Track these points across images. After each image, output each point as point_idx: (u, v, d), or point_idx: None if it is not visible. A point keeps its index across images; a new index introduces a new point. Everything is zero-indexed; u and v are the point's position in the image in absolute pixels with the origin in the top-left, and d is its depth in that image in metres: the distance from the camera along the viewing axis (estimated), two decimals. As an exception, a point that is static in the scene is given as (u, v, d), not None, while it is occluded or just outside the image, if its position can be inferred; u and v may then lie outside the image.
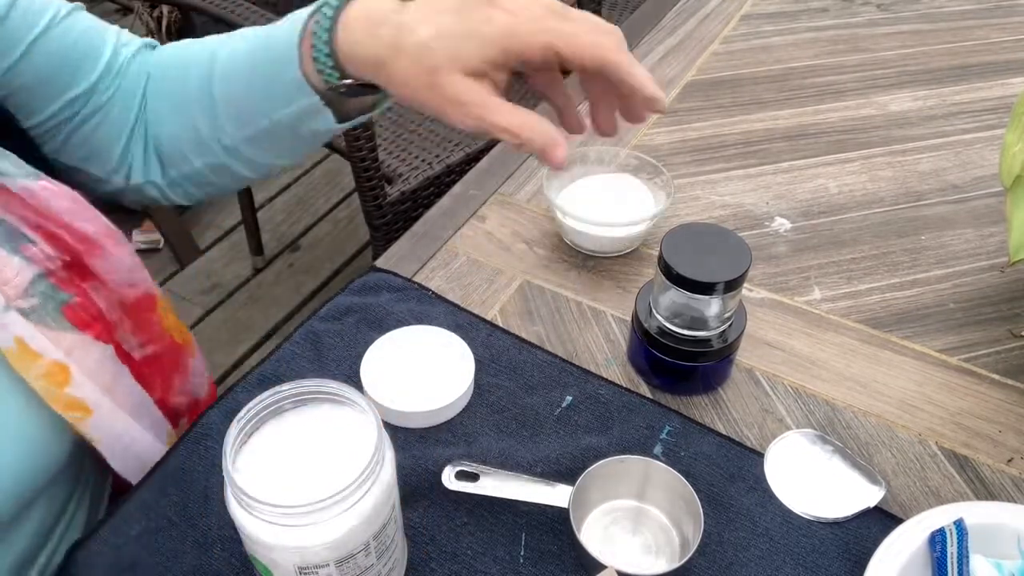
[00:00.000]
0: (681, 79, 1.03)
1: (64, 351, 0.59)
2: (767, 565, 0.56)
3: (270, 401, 0.48)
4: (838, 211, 0.84)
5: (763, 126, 0.95)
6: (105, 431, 0.62)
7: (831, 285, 0.76)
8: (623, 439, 0.63)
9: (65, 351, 0.59)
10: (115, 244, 0.64)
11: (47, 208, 0.60)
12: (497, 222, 0.83)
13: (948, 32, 1.10)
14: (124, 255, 0.65)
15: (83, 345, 0.61)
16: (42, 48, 0.63)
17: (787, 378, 0.68)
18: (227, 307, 2.05)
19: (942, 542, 0.53)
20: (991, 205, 0.84)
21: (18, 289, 0.58)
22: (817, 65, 1.05)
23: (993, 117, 0.96)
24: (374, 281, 0.76)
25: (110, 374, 0.63)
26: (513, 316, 0.74)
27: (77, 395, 0.59)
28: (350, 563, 0.47)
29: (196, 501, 0.60)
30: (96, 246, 0.63)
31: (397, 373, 0.67)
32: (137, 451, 0.65)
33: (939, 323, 0.73)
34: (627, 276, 0.77)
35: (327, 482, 0.44)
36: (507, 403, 0.66)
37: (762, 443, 0.64)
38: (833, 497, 0.60)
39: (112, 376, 0.63)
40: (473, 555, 0.57)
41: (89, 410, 0.60)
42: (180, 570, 0.56)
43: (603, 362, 0.70)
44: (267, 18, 1.35)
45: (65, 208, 0.61)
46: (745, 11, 1.16)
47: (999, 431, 0.65)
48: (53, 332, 0.59)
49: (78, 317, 0.62)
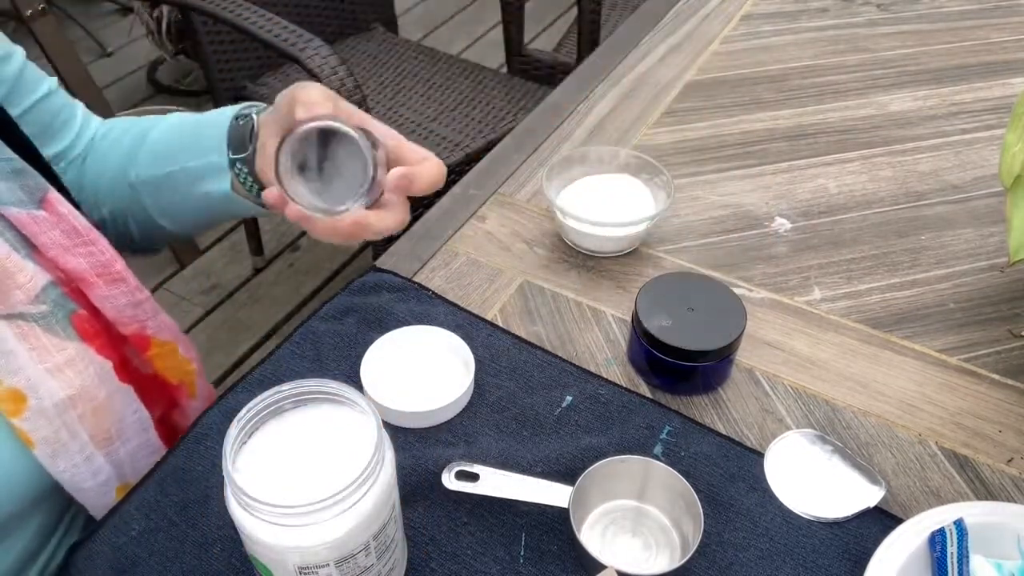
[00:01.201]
0: (681, 79, 1.03)
1: (65, 360, 0.60)
2: (767, 565, 0.56)
3: (270, 401, 0.48)
4: (838, 211, 0.84)
5: (763, 126, 0.95)
6: (50, 467, 0.60)
7: (831, 285, 0.76)
8: (623, 439, 0.63)
9: (67, 360, 0.60)
10: (108, 283, 0.63)
11: (35, 239, 0.60)
12: (497, 222, 0.83)
13: (948, 32, 1.10)
14: (118, 294, 0.64)
15: (84, 357, 0.61)
16: (37, 111, 0.71)
17: (787, 378, 0.68)
18: (227, 307, 2.05)
19: (942, 542, 0.53)
20: (991, 205, 0.84)
21: (30, 294, 0.59)
22: (817, 65, 1.05)
23: (993, 117, 0.95)
24: (374, 281, 0.76)
25: (105, 390, 0.63)
26: (513, 316, 0.74)
27: (24, 427, 0.58)
28: (350, 563, 0.47)
29: (196, 501, 0.60)
30: (84, 282, 0.62)
31: (397, 373, 0.67)
32: (85, 497, 0.63)
33: (939, 323, 0.73)
34: (627, 276, 0.77)
35: (327, 482, 0.44)
36: (507, 403, 0.66)
37: (762, 443, 0.64)
38: (833, 497, 0.60)
39: (106, 393, 0.63)
40: (473, 555, 0.57)
41: (33, 443, 0.59)
42: (180, 570, 0.56)
43: (603, 362, 0.70)
44: (267, 18, 1.35)
45: (54, 241, 0.61)
46: (745, 11, 1.16)
47: (999, 431, 0.65)
48: (59, 340, 0.60)
49: (84, 328, 0.62)
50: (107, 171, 0.75)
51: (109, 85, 2.74)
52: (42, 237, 0.60)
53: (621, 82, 1.02)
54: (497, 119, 1.58)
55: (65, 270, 0.62)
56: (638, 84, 1.02)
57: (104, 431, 0.63)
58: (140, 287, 0.66)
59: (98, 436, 0.63)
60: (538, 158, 0.91)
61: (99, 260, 0.63)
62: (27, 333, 0.58)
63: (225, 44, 1.61)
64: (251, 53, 1.67)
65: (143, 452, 0.67)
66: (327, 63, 1.26)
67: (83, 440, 0.62)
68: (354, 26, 1.85)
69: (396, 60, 1.78)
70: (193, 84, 2.73)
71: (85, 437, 0.62)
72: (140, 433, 0.67)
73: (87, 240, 0.63)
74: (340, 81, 1.25)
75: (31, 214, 0.60)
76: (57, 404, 0.59)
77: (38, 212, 0.60)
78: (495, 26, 2.99)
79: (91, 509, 0.64)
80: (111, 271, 0.64)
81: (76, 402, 0.60)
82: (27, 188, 0.60)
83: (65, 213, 0.62)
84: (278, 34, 1.32)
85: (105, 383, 0.63)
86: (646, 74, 1.04)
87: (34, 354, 0.58)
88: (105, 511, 0.63)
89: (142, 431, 0.67)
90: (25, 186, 0.60)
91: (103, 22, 3.09)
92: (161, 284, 2.07)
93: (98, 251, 0.63)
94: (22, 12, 1.71)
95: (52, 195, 0.62)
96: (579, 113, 0.97)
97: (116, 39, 2.97)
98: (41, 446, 0.59)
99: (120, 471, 0.65)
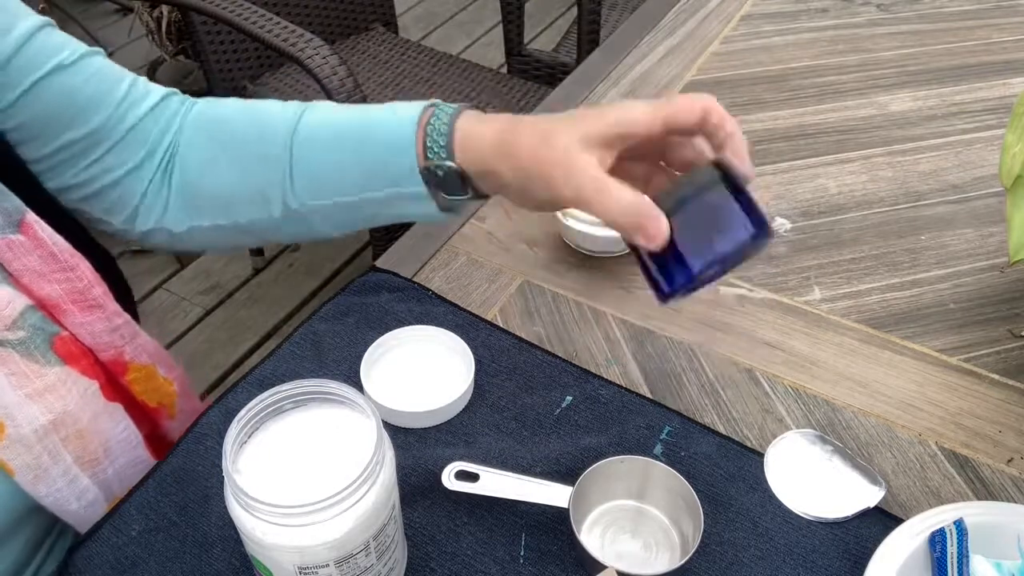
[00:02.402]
0: (681, 79, 1.03)
1: (46, 386, 0.58)
2: (767, 565, 0.56)
3: (270, 401, 0.48)
4: (838, 211, 0.84)
5: (763, 126, 0.95)
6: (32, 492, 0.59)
7: (831, 285, 0.76)
8: (623, 439, 0.63)
9: (47, 386, 0.58)
10: (83, 310, 0.61)
11: (8, 266, 0.58)
12: (497, 222, 0.83)
13: (948, 32, 1.10)
14: (94, 320, 0.62)
15: (67, 381, 0.60)
16: (44, 90, 0.62)
17: (787, 378, 0.68)
18: (227, 307, 2.04)
19: (942, 542, 0.53)
20: (991, 205, 0.84)
21: (7, 320, 0.57)
22: (817, 65, 1.05)
23: (993, 117, 0.95)
24: (374, 281, 0.76)
25: (90, 412, 0.62)
26: (513, 316, 0.74)
27: (3, 456, 0.57)
28: (350, 563, 0.47)
29: (196, 501, 0.60)
30: (57, 309, 0.61)
31: (397, 373, 0.67)
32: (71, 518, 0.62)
33: (939, 323, 0.73)
34: (627, 276, 0.77)
35: (327, 482, 0.44)
36: (507, 403, 0.66)
37: (762, 443, 0.64)
38: (833, 497, 0.60)
39: (91, 415, 0.62)
40: (473, 555, 0.57)
41: (12, 471, 0.58)
42: (180, 570, 0.56)
43: (603, 362, 0.70)
44: (267, 18, 1.35)
45: (28, 268, 0.59)
46: (745, 11, 1.16)
47: (999, 431, 0.65)
48: (39, 366, 0.58)
49: (67, 350, 0.60)
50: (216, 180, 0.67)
51: (109, 85, 2.74)
52: (16, 263, 0.58)
53: (621, 82, 1.02)
54: (497, 119, 1.58)
55: (37, 297, 0.60)
56: (638, 84, 1.02)
57: (90, 453, 0.62)
58: (118, 311, 0.64)
59: (84, 458, 0.62)
60: (538, 158, 0.91)
61: (76, 287, 0.61)
62: (5, 360, 0.57)
63: (225, 44, 1.61)
64: (251, 53, 1.67)
65: (133, 470, 0.66)
66: (327, 63, 1.26)
67: (67, 463, 0.60)
68: (354, 26, 1.85)
69: (396, 60, 1.78)
70: (193, 84, 2.72)
71: (69, 460, 0.60)
72: (129, 451, 0.66)
73: (65, 266, 0.60)
74: (340, 81, 1.25)
75: (7, 239, 0.58)
76: (37, 430, 0.58)
77: (15, 236, 0.58)
78: (495, 26, 2.99)
79: (78, 528, 0.63)
80: (87, 298, 0.62)
81: (58, 426, 0.59)
82: (3, 211, 0.58)
83: (44, 238, 0.59)
84: (278, 34, 1.32)
85: (90, 404, 0.62)
86: (646, 74, 1.04)
87: (13, 379, 0.57)
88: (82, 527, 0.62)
89: (131, 448, 0.66)
90: (2, 210, 0.58)
91: (103, 22, 3.09)
92: (161, 284, 2.07)
93: (75, 277, 0.61)
94: (22, 12, 1.71)
95: (30, 217, 0.59)
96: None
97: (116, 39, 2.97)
98: (21, 473, 0.58)
99: (108, 491, 0.64)
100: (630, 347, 0.71)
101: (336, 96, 1.24)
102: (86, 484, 0.62)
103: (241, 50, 1.65)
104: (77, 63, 0.63)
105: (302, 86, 1.68)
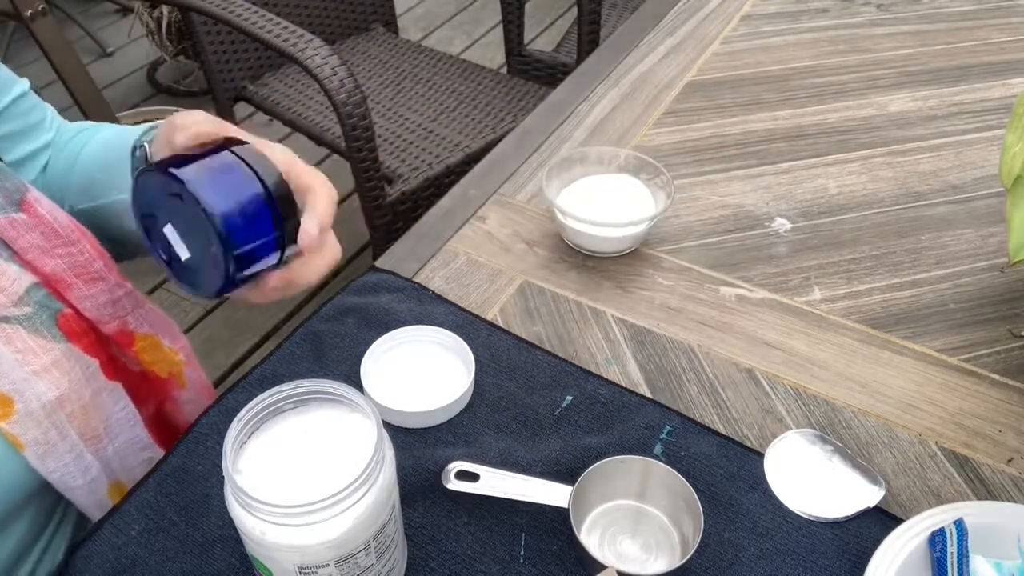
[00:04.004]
0: (681, 79, 1.03)
1: (52, 361, 0.59)
2: (767, 565, 0.56)
3: (270, 401, 0.48)
4: (838, 211, 0.84)
5: (763, 126, 0.95)
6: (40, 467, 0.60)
7: (831, 285, 0.76)
8: (623, 439, 0.63)
9: (53, 361, 0.59)
10: (86, 282, 0.63)
11: (12, 243, 0.60)
12: (497, 222, 0.83)
13: (948, 32, 1.10)
14: (97, 293, 0.64)
15: (70, 357, 0.61)
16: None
17: (787, 378, 0.68)
18: (227, 307, 2.04)
19: (942, 542, 0.53)
20: (991, 205, 0.84)
21: (13, 297, 0.58)
22: (817, 65, 1.05)
23: (993, 117, 0.96)
24: (374, 281, 0.76)
25: (91, 390, 0.63)
26: (513, 316, 0.74)
27: (13, 431, 0.58)
28: (350, 563, 0.47)
29: (196, 501, 0.60)
30: (61, 283, 0.62)
31: (397, 373, 0.67)
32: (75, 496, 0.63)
33: (939, 323, 0.73)
34: (627, 276, 0.77)
35: (327, 482, 0.44)
36: (507, 403, 0.66)
37: (762, 443, 0.64)
38: (833, 497, 0.60)
39: (93, 392, 0.63)
40: (473, 555, 0.57)
41: (22, 445, 0.59)
42: (180, 570, 0.56)
43: (603, 362, 0.70)
44: (267, 18, 1.35)
45: (32, 244, 0.60)
46: (745, 11, 1.16)
47: (999, 431, 0.65)
48: (45, 341, 0.59)
49: (70, 327, 0.62)
50: (54, 188, 0.73)
51: (109, 85, 2.74)
52: (20, 241, 0.60)
53: (621, 82, 1.02)
54: (497, 119, 1.58)
55: (43, 273, 0.61)
56: (638, 84, 1.02)
57: (93, 429, 0.63)
58: (121, 281, 0.65)
59: (87, 434, 0.63)
60: (538, 158, 0.91)
61: (77, 260, 0.62)
62: (11, 336, 0.58)
63: (225, 44, 1.62)
64: (251, 53, 1.67)
65: (131, 448, 0.67)
66: (327, 63, 1.26)
67: (73, 439, 0.62)
68: (354, 26, 1.85)
69: (396, 60, 1.78)
70: (193, 84, 2.73)
71: (75, 436, 0.62)
72: (128, 429, 0.67)
73: (67, 240, 0.62)
74: (340, 81, 1.25)
75: (9, 217, 0.59)
76: (45, 405, 0.59)
77: (16, 215, 0.60)
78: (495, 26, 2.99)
79: (81, 507, 0.64)
80: (90, 270, 0.63)
81: (64, 402, 0.60)
82: (4, 191, 0.60)
83: (44, 214, 0.61)
84: (278, 34, 1.32)
85: (91, 381, 0.63)
86: (646, 74, 1.04)
87: (19, 356, 0.58)
88: (95, 509, 0.63)
89: (129, 427, 0.67)
90: (3, 189, 0.60)
91: (103, 22, 3.09)
92: (161, 284, 2.07)
93: (77, 251, 0.62)
94: (22, 12, 1.71)
95: (31, 195, 0.61)
96: (579, 113, 0.97)
97: (116, 39, 2.97)
98: (31, 448, 0.59)
99: (109, 468, 0.65)
100: (630, 347, 0.71)
101: (336, 96, 1.24)
102: (90, 460, 0.63)
103: (241, 50, 1.65)
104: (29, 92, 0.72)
105: (302, 86, 1.68)
